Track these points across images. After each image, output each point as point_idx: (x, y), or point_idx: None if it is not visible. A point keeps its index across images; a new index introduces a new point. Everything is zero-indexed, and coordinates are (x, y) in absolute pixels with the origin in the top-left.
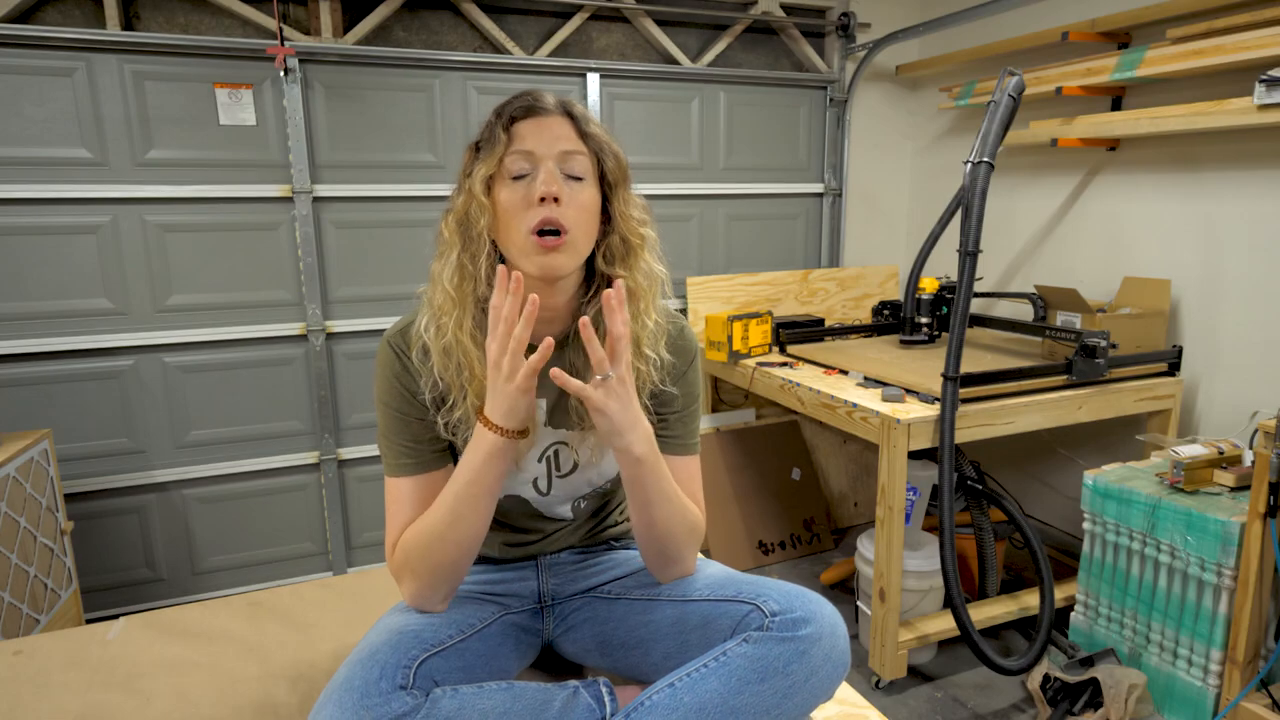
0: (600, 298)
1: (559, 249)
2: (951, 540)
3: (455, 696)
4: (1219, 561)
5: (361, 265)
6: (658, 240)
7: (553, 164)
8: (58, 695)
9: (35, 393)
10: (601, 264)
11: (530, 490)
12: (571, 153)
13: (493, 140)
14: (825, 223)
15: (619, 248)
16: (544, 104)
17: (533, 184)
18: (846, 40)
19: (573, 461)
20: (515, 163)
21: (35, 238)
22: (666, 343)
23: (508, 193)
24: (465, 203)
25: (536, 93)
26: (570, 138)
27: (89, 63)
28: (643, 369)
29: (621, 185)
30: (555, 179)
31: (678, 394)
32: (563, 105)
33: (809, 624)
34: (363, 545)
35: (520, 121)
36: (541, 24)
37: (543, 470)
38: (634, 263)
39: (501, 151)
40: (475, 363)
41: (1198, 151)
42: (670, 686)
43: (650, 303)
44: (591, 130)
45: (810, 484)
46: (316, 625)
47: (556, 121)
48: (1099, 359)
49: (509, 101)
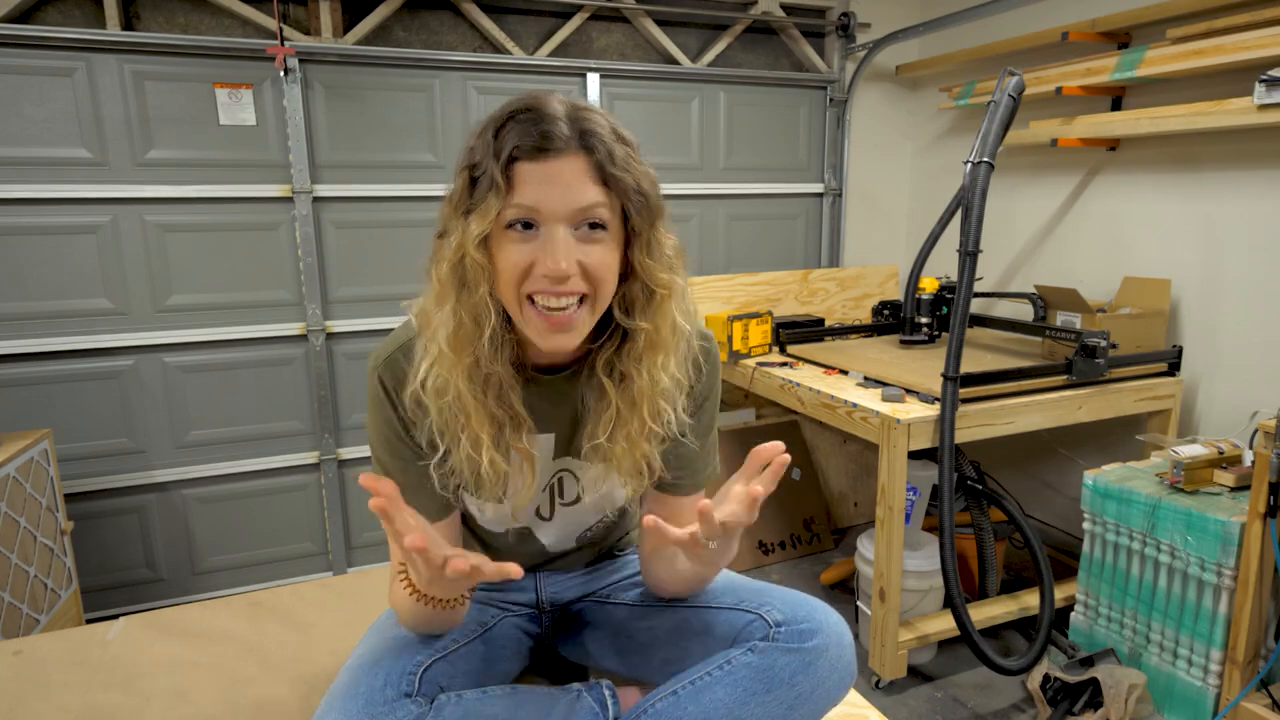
0: (614, 340)
1: (566, 327)
2: (951, 540)
3: (460, 703)
4: (1219, 561)
5: (361, 265)
6: (687, 288)
7: (565, 229)
8: (58, 695)
9: (35, 393)
10: (619, 315)
11: (534, 520)
12: (589, 207)
13: (489, 183)
14: (825, 223)
15: (640, 297)
16: (553, 139)
17: (538, 242)
18: (846, 40)
19: (577, 492)
20: (517, 214)
21: (35, 238)
22: (696, 391)
23: (508, 252)
24: (458, 255)
25: (543, 111)
26: (588, 186)
27: (89, 63)
28: (657, 429)
29: (648, 229)
30: (568, 251)
31: (693, 442)
32: (580, 136)
33: (816, 635)
34: (363, 545)
35: (523, 163)
36: (541, 24)
37: (545, 499)
38: (656, 313)
39: (499, 204)
40: (472, 412)
41: (1198, 151)
42: (673, 694)
43: (671, 354)
44: (616, 172)
45: (810, 484)
46: (316, 625)
47: (571, 164)
48: (1099, 359)
49: (506, 122)
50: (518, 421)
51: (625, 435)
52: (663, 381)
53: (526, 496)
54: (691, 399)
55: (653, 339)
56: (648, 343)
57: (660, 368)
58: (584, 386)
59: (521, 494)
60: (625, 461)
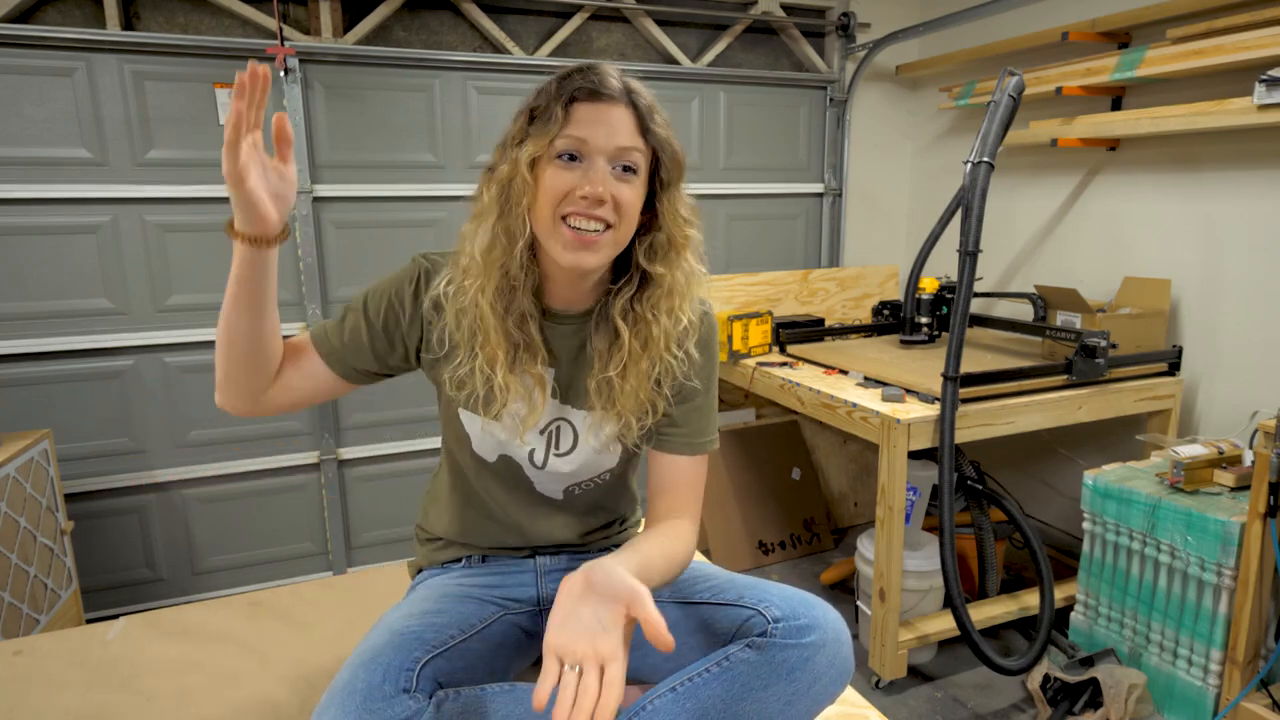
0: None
1: (591, 247)
2: (951, 540)
3: (458, 699)
4: (1219, 561)
5: (362, 265)
6: (701, 241)
7: (605, 161)
8: (58, 695)
9: (35, 393)
10: (643, 260)
11: (524, 457)
12: (628, 149)
13: (548, 116)
14: (825, 223)
15: (663, 245)
16: (609, 88)
17: (581, 171)
18: (846, 40)
19: (573, 439)
20: (567, 145)
21: (35, 238)
22: (697, 340)
23: (552, 175)
24: (509, 173)
25: (603, 70)
26: (630, 132)
27: (89, 63)
28: (673, 363)
29: (674, 184)
30: (606, 180)
31: (695, 388)
32: (628, 92)
33: (813, 631)
34: (363, 545)
35: (581, 104)
36: (541, 24)
37: (542, 443)
38: (676, 260)
39: (555, 131)
40: (491, 330)
41: (1198, 151)
42: (672, 691)
43: (685, 300)
44: (654, 127)
45: (810, 484)
46: (316, 625)
47: (619, 112)
48: (1099, 359)
49: (570, 75)
50: (533, 349)
51: (635, 373)
52: (680, 324)
53: (534, 419)
54: (700, 353)
55: (671, 285)
56: (667, 289)
57: (678, 310)
58: (593, 332)
59: (530, 417)
60: (630, 401)
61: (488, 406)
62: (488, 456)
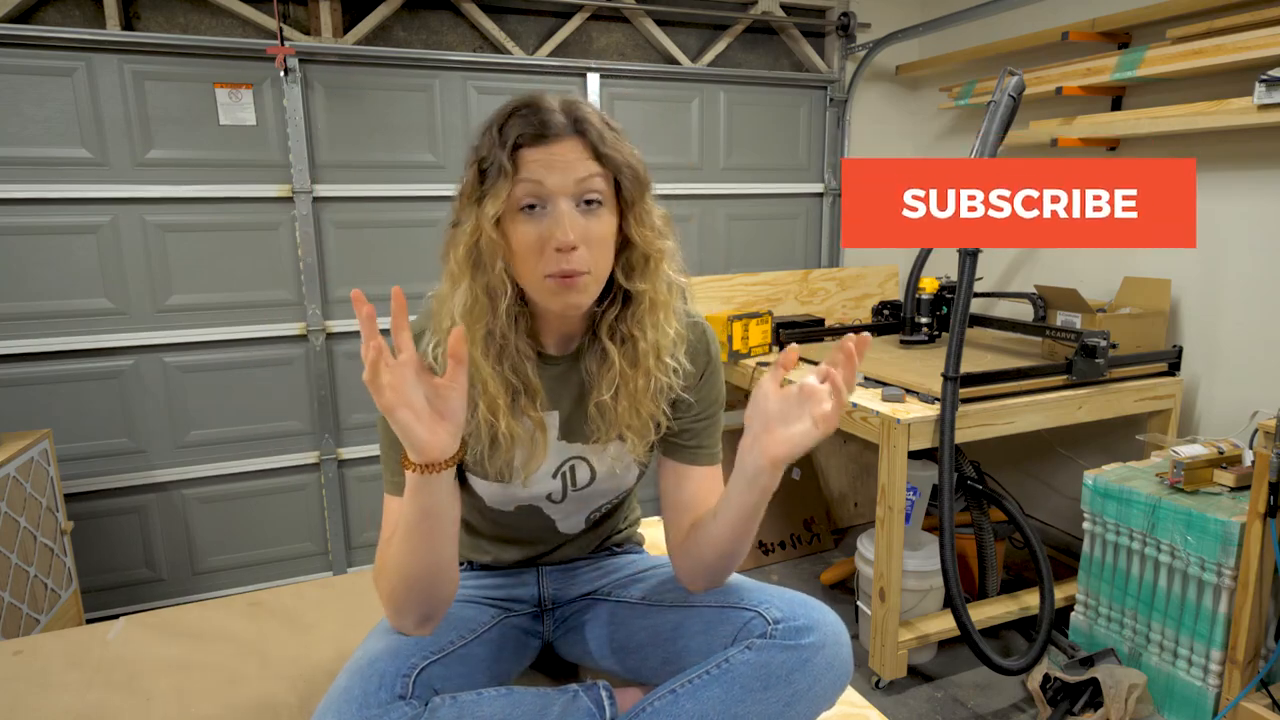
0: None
1: (578, 288)
2: (951, 540)
3: (454, 705)
4: (1219, 561)
5: (361, 265)
6: (678, 250)
7: (567, 201)
8: (58, 695)
9: (35, 393)
10: (622, 279)
11: (545, 502)
12: (585, 179)
13: (498, 170)
14: (825, 223)
15: (639, 261)
16: (553, 126)
17: (546, 220)
18: (846, 40)
19: (589, 475)
20: (525, 193)
21: (35, 238)
22: (687, 349)
23: (520, 229)
24: (474, 237)
25: (540, 105)
26: (584, 162)
27: (89, 63)
28: (664, 378)
29: (639, 200)
30: (573, 222)
31: (694, 401)
32: (574, 122)
33: (812, 632)
34: (363, 545)
35: (526, 149)
36: (541, 24)
37: (558, 486)
38: (654, 274)
39: (509, 186)
40: (489, 378)
41: (1198, 151)
42: (671, 693)
43: (670, 311)
44: (607, 151)
45: (810, 484)
46: (316, 625)
47: (568, 145)
48: (1099, 359)
49: (509, 117)
50: (532, 391)
51: (629, 393)
52: (666, 337)
53: (536, 464)
54: (693, 363)
55: (653, 299)
56: (649, 303)
57: (664, 323)
58: (587, 359)
59: (532, 462)
60: (632, 420)
61: (492, 460)
62: (504, 508)
